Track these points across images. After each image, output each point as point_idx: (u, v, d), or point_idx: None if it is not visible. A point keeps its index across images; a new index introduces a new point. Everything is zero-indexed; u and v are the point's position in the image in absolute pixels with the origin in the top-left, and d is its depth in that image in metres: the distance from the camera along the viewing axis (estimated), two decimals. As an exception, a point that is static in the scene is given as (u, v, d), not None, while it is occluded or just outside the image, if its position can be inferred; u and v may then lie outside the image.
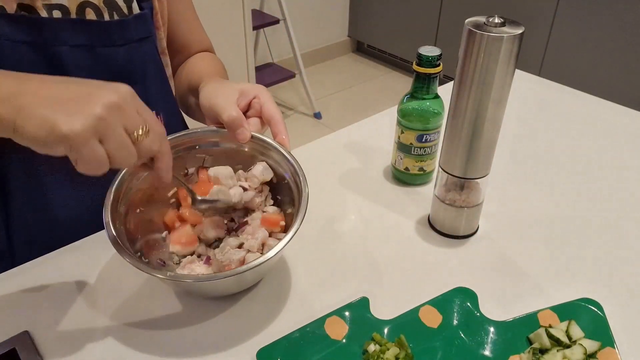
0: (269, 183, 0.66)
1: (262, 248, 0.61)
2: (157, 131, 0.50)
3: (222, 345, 0.57)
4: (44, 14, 0.63)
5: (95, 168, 0.46)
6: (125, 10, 0.70)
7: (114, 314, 0.60)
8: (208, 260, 0.62)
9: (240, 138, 0.62)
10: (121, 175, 0.60)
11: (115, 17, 0.69)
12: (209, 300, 0.62)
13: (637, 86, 2.15)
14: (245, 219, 0.64)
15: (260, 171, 0.63)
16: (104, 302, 0.62)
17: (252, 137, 0.63)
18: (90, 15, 0.66)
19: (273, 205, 0.66)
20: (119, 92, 0.47)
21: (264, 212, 0.64)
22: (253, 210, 0.65)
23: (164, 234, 0.65)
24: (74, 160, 0.46)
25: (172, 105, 0.81)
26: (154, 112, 0.75)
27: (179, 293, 0.63)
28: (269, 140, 0.63)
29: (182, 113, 0.86)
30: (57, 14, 0.64)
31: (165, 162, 0.52)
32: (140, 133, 0.47)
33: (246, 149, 0.65)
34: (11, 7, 0.61)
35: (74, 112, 0.44)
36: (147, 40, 0.73)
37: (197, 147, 0.66)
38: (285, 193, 0.64)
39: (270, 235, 0.62)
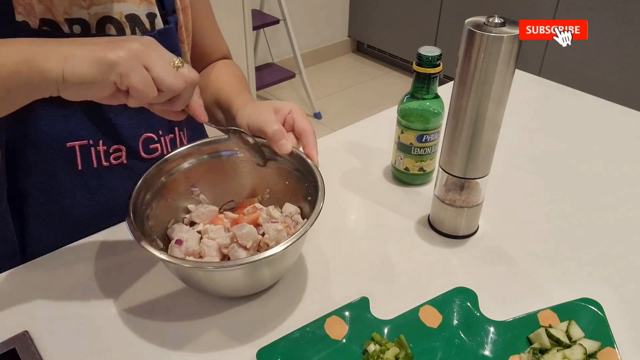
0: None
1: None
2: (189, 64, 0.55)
3: (222, 345, 0.57)
4: (66, 29, 0.63)
5: (147, 92, 0.51)
6: (147, 25, 0.69)
7: (114, 313, 0.60)
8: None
9: (282, 150, 0.64)
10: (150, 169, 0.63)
11: (138, 32, 0.68)
12: (210, 300, 0.62)
13: (637, 86, 2.14)
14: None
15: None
16: (104, 302, 0.62)
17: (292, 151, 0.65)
18: (111, 30, 0.66)
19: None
20: (143, 39, 0.53)
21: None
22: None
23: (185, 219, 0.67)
24: (124, 92, 0.52)
25: (194, 120, 0.81)
26: (176, 128, 0.77)
27: (180, 291, 0.63)
28: (301, 154, 0.65)
29: (205, 127, 0.86)
30: (77, 29, 0.64)
31: (198, 102, 0.58)
32: (176, 63, 0.53)
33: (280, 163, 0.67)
34: (34, 23, 0.61)
35: (115, 47, 0.50)
36: None
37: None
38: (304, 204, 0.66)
39: None
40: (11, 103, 0.53)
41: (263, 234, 0.62)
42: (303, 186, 0.65)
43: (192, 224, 0.67)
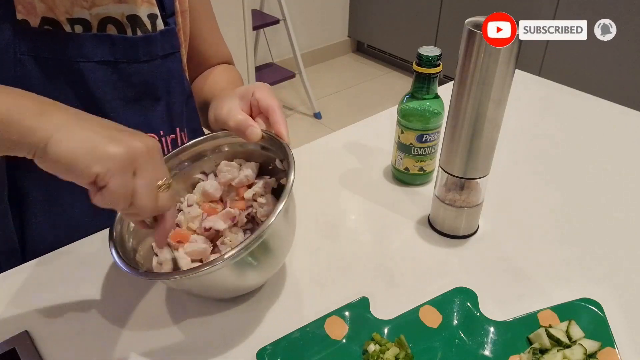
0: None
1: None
2: (173, 189, 0.50)
3: (222, 345, 0.57)
4: (67, 28, 0.63)
5: (119, 201, 0.45)
6: (149, 26, 0.69)
7: (114, 313, 0.60)
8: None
9: (252, 138, 0.61)
10: None
11: (139, 33, 0.68)
12: (209, 300, 0.62)
13: (637, 86, 2.14)
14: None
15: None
16: (104, 302, 0.62)
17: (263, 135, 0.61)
18: (112, 31, 0.66)
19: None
20: (148, 142, 0.47)
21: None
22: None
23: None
24: (96, 190, 0.45)
25: (195, 122, 0.81)
26: (177, 129, 0.76)
27: (180, 292, 0.63)
28: (270, 133, 0.62)
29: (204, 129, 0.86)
30: (78, 28, 0.64)
31: (169, 225, 0.52)
32: (162, 183, 0.48)
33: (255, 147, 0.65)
34: (35, 22, 0.61)
35: (116, 140, 0.44)
36: (172, 56, 0.72)
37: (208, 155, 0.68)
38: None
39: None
40: None
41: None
42: (273, 164, 0.64)
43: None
